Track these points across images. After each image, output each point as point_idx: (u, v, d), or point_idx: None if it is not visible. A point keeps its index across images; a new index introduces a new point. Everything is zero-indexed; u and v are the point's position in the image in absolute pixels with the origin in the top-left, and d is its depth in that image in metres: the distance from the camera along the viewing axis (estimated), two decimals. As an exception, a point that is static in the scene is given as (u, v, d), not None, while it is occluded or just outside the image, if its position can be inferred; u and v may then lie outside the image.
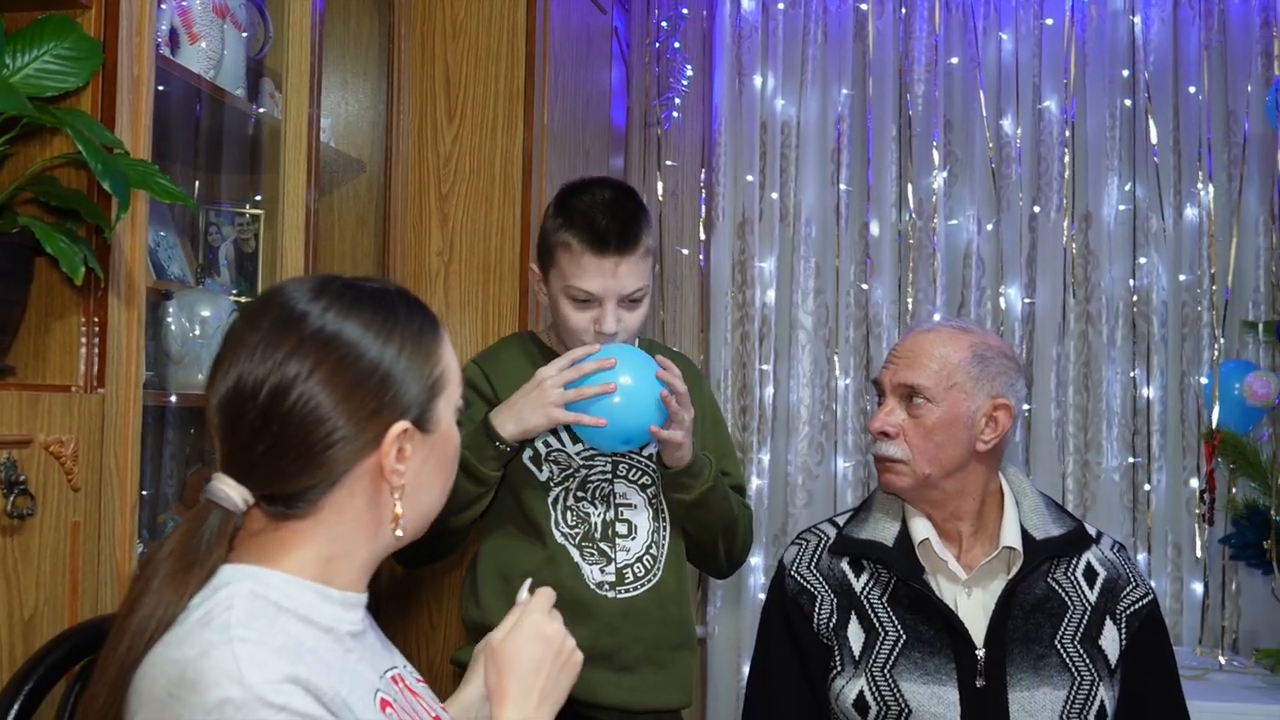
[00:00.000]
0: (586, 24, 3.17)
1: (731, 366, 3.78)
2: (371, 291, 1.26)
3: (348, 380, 1.19)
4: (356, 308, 1.23)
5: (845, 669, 1.94)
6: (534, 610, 1.37)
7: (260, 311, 1.23)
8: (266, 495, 1.21)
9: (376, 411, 1.20)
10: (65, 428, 1.62)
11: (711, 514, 2.14)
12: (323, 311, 1.21)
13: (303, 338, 1.19)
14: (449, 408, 1.28)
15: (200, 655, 1.10)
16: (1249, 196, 3.64)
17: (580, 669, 1.39)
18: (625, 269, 2.05)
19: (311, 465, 1.19)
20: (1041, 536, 1.96)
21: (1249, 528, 3.37)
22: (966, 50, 3.76)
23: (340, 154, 2.70)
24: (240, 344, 1.21)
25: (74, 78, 1.65)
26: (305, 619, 1.19)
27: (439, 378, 1.26)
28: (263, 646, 1.12)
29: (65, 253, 1.54)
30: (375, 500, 1.23)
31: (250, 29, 2.33)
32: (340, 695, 1.15)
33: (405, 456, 1.23)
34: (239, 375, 1.19)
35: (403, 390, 1.22)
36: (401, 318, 1.25)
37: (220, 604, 1.15)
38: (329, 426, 1.18)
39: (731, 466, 2.27)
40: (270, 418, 1.18)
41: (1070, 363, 3.69)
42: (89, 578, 1.67)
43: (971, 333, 1.98)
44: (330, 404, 1.18)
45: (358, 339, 1.21)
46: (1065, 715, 1.89)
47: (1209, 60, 3.67)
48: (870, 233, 3.75)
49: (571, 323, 2.09)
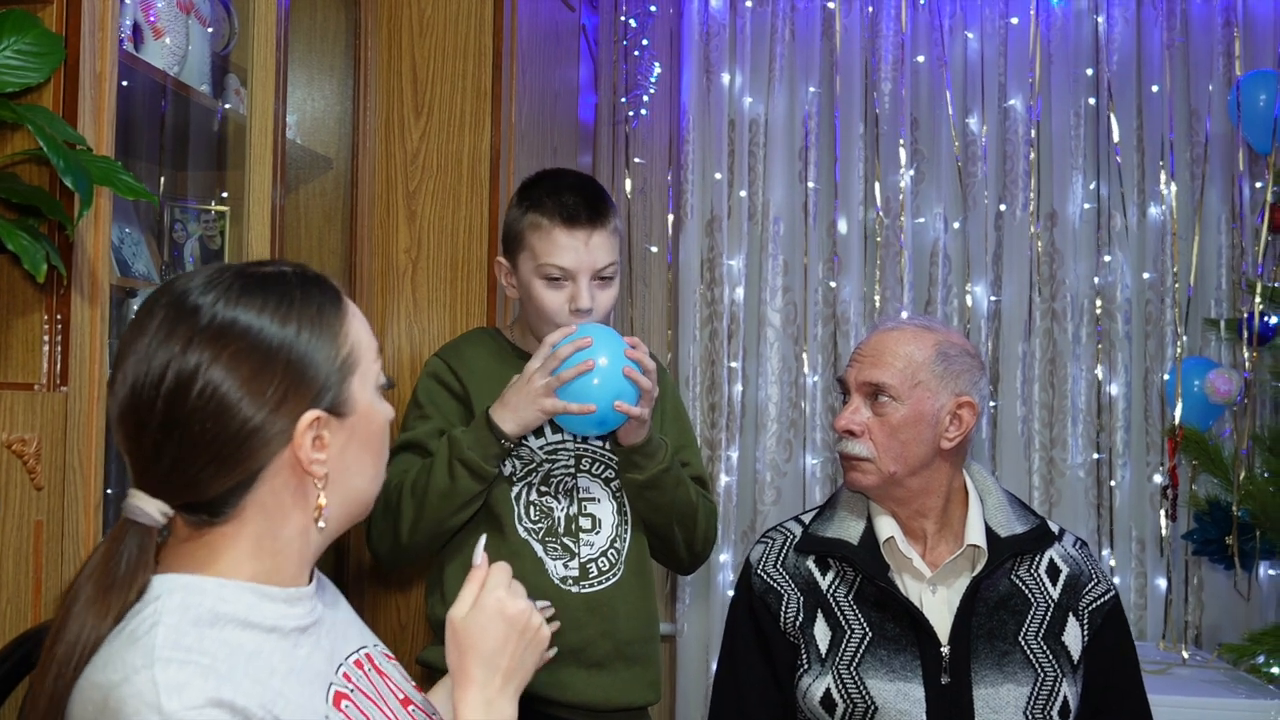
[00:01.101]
0: (555, 21, 3.17)
1: (700, 364, 3.79)
2: (264, 276, 1.20)
3: (249, 369, 1.14)
4: (249, 294, 1.17)
5: (812, 667, 1.95)
6: (495, 587, 1.33)
7: (149, 313, 1.17)
8: (185, 505, 1.16)
9: (284, 399, 1.15)
10: (28, 426, 1.61)
11: (664, 496, 2.14)
12: (213, 302, 1.15)
13: (196, 331, 1.14)
14: (366, 386, 1.23)
15: (122, 681, 1.07)
16: (1211, 195, 3.69)
17: (546, 646, 1.36)
18: (597, 241, 2.08)
19: (225, 466, 1.14)
20: (1005, 534, 1.98)
21: (1211, 523, 3.41)
22: (933, 49, 3.78)
23: (306, 151, 2.68)
24: (132, 349, 1.15)
25: (35, 73, 1.63)
26: (245, 622, 1.15)
27: (348, 355, 1.21)
28: (186, 668, 1.07)
29: (27, 250, 1.52)
30: (301, 492, 1.19)
31: (215, 24, 2.31)
32: (273, 711, 1.10)
33: (324, 444, 1.18)
34: (134, 382, 1.14)
35: (310, 372, 1.17)
36: (298, 298, 1.19)
37: (146, 620, 1.11)
38: (237, 421, 1.13)
39: (692, 457, 2.27)
40: (173, 421, 1.12)
41: (1036, 360, 3.73)
42: (52, 577, 1.65)
43: (935, 331, 1.99)
44: (235, 396, 1.13)
45: (254, 324, 1.15)
46: (1029, 711, 1.90)
47: (1171, 60, 3.71)
48: (838, 230, 3.77)
49: (545, 303, 2.09)
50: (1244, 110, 3.38)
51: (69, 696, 1.10)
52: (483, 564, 1.36)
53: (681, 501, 2.16)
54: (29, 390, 1.65)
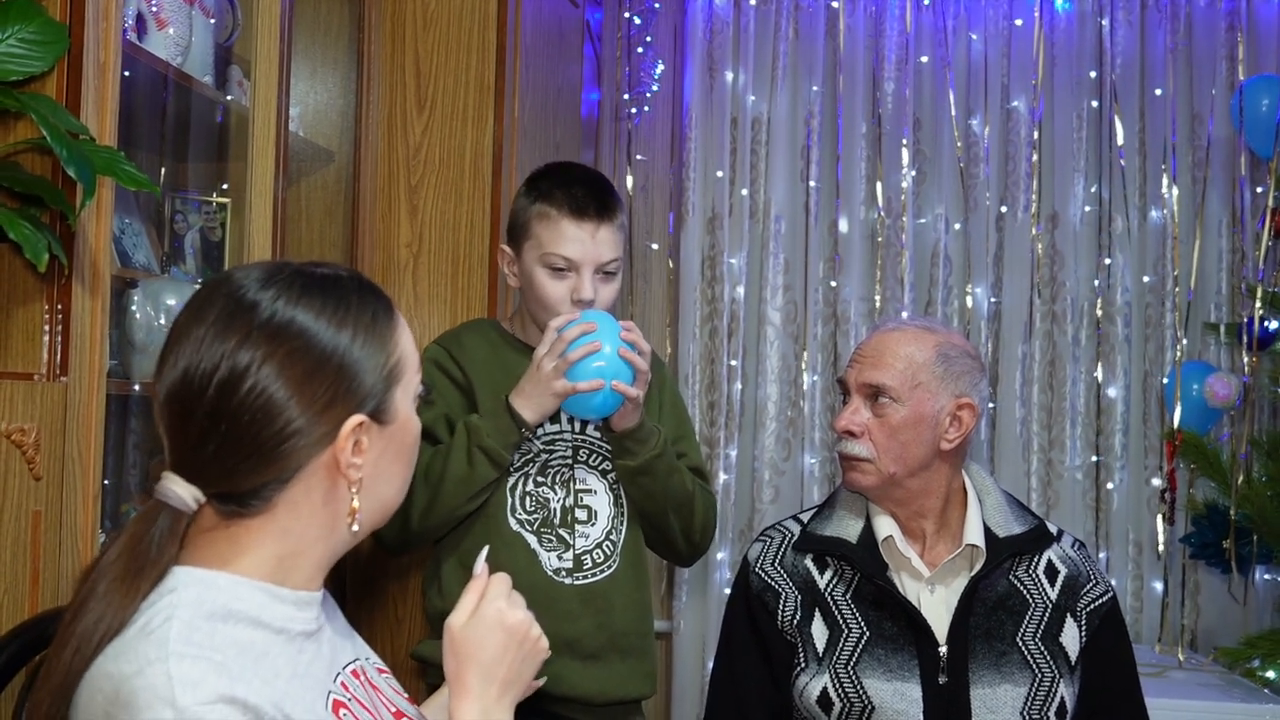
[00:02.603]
0: (558, 17, 3.17)
1: (700, 362, 3.78)
2: (323, 278, 1.21)
3: (301, 370, 1.15)
4: (308, 295, 1.18)
5: (809, 665, 1.95)
6: (495, 597, 1.33)
7: (207, 301, 1.18)
8: (218, 494, 1.16)
9: (331, 403, 1.16)
10: (27, 416, 1.60)
11: (657, 483, 2.13)
12: (273, 300, 1.16)
13: (253, 327, 1.15)
14: (407, 396, 1.24)
15: (135, 673, 1.07)
16: (1212, 199, 3.69)
17: (545, 657, 1.36)
18: (603, 235, 2.09)
19: (265, 462, 1.15)
20: (1004, 534, 1.98)
21: (1209, 527, 3.42)
22: (936, 49, 3.78)
23: (309, 143, 2.68)
24: (186, 336, 1.16)
25: (39, 62, 1.62)
26: (255, 621, 1.15)
27: (395, 365, 1.22)
28: (200, 663, 1.08)
29: (29, 239, 1.52)
30: (332, 495, 1.20)
31: (219, 16, 2.31)
32: (284, 710, 1.11)
33: (362, 449, 1.19)
34: (186, 368, 1.14)
35: (358, 379, 1.18)
36: (354, 304, 1.20)
37: (161, 613, 1.11)
38: (283, 420, 1.14)
39: (690, 448, 2.27)
40: (220, 413, 1.13)
41: (1035, 362, 3.73)
42: (50, 568, 1.65)
43: (936, 332, 1.99)
44: (284, 396, 1.14)
45: (310, 327, 1.16)
46: (1026, 711, 1.90)
47: (1175, 63, 3.71)
48: (839, 230, 3.77)
49: (548, 293, 2.10)
50: (1246, 115, 3.38)
51: (83, 675, 1.10)
52: (483, 573, 1.36)
53: (675, 489, 2.16)
54: (29, 380, 1.65)
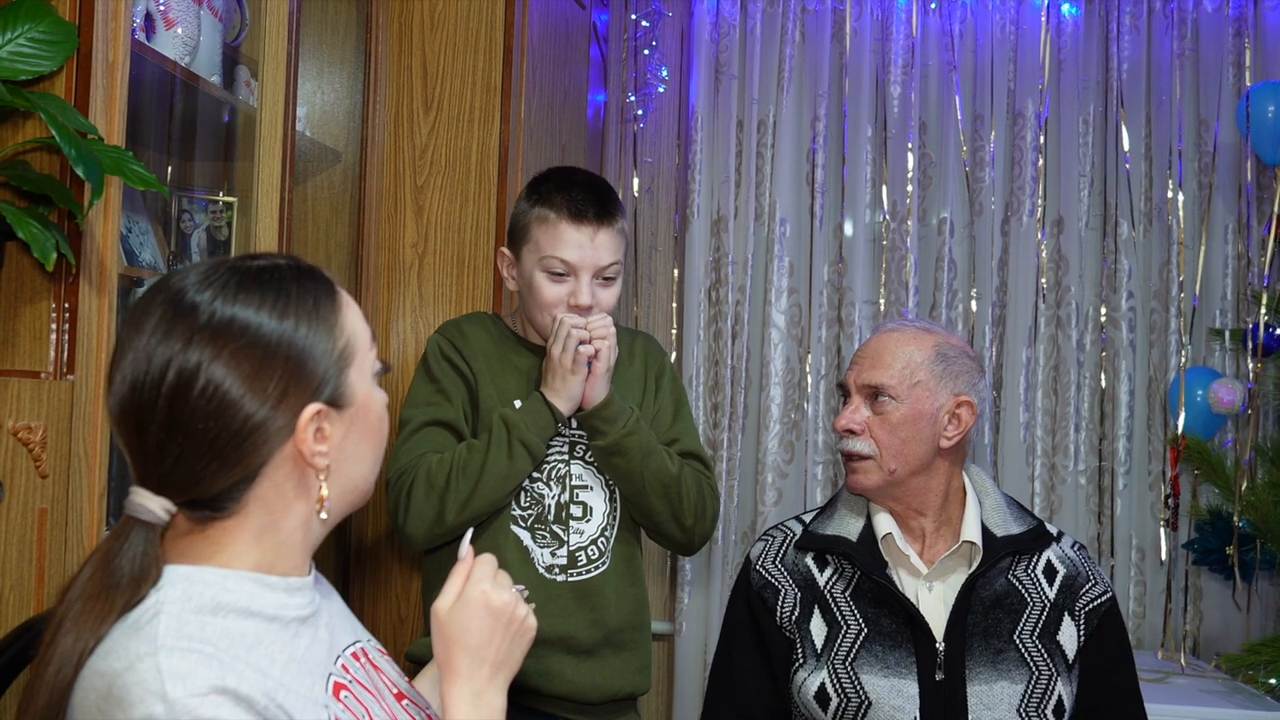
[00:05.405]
0: (565, 19, 3.17)
1: (704, 364, 3.79)
2: (260, 270, 1.20)
3: (250, 366, 1.14)
4: (246, 290, 1.17)
5: (807, 661, 1.96)
6: (480, 579, 1.33)
7: (146, 310, 1.16)
8: (188, 501, 1.16)
9: (285, 394, 1.16)
10: (34, 414, 1.61)
11: (632, 463, 2.12)
12: (212, 299, 1.16)
13: (195, 330, 1.14)
14: (363, 376, 1.24)
15: (126, 669, 1.07)
16: (1218, 205, 3.69)
17: (534, 635, 1.36)
18: (603, 239, 2.10)
19: (228, 463, 1.15)
20: (1002, 534, 1.99)
21: (1212, 533, 3.42)
22: (943, 54, 3.78)
23: (315, 143, 2.69)
24: (130, 347, 1.15)
25: (48, 61, 1.63)
26: (246, 611, 1.15)
27: (345, 347, 1.22)
28: (190, 656, 1.08)
29: (37, 238, 1.53)
30: (303, 484, 1.20)
31: (227, 16, 2.32)
32: (276, 700, 1.11)
33: (325, 436, 1.19)
34: (134, 380, 1.14)
35: (309, 367, 1.18)
36: (295, 293, 1.19)
37: (149, 610, 1.12)
38: (239, 419, 1.14)
39: (684, 431, 2.26)
40: (175, 421, 1.13)
41: (1039, 366, 3.72)
42: (56, 565, 1.66)
43: (934, 332, 2.01)
44: (236, 394, 1.13)
45: (253, 321, 1.16)
46: (1023, 709, 1.91)
47: (1181, 69, 3.71)
48: (844, 233, 3.77)
49: (546, 296, 2.11)
50: (1253, 121, 3.38)
51: (71, 691, 1.10)
52: (468, 556, 1.36)
53: (654, 470, 2.14)
54: (35, 378, 1.66)
